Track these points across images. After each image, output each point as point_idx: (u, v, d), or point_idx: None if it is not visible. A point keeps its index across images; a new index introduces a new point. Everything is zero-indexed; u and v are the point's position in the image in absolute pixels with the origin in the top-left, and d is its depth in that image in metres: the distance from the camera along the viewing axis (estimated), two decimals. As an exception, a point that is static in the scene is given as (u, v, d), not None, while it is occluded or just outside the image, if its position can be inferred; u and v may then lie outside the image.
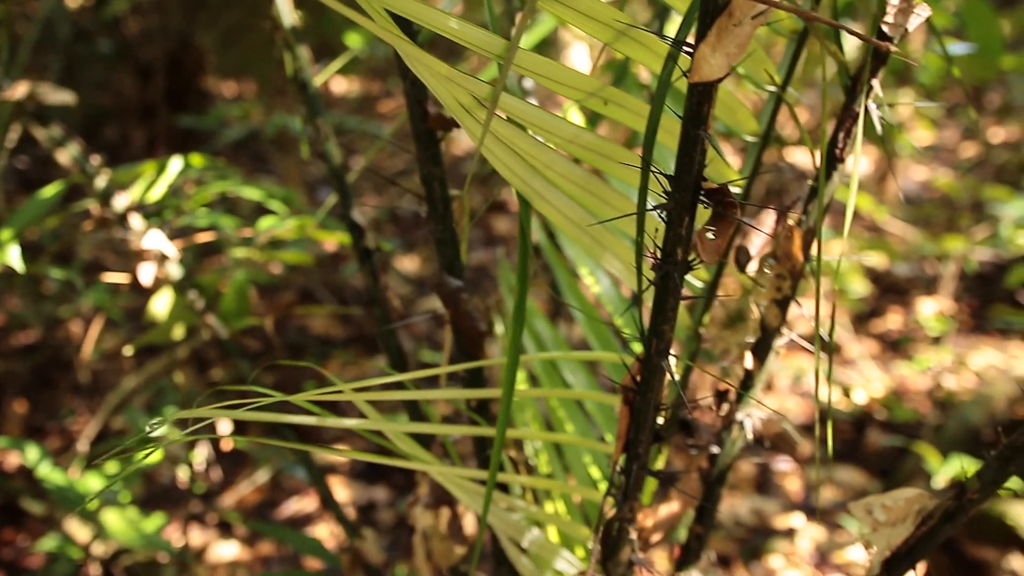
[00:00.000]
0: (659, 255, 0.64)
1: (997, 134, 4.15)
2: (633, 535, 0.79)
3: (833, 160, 0.80)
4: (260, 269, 1.88)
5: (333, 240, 1.38)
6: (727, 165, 0.87)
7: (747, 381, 0.89)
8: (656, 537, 0.90)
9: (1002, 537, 1.99)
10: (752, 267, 0.82)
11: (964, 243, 2.71)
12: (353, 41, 2.71)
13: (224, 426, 2.04)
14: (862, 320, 2.96)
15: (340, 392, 0.77)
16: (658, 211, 0.63)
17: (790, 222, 0.81)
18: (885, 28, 0.73)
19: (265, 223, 1.39)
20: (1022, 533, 1.96)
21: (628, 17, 0.67)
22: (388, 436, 0.85)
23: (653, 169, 0.62)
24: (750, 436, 0.91)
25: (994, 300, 2.84)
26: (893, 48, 0.61)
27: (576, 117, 1.22)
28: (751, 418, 0.91)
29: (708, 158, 0.60)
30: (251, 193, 1.47)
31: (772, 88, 0.85)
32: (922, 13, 0.72)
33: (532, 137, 0.70)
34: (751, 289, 0.85)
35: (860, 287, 2.69)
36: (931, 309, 2.82)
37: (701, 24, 0.55)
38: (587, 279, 1.07)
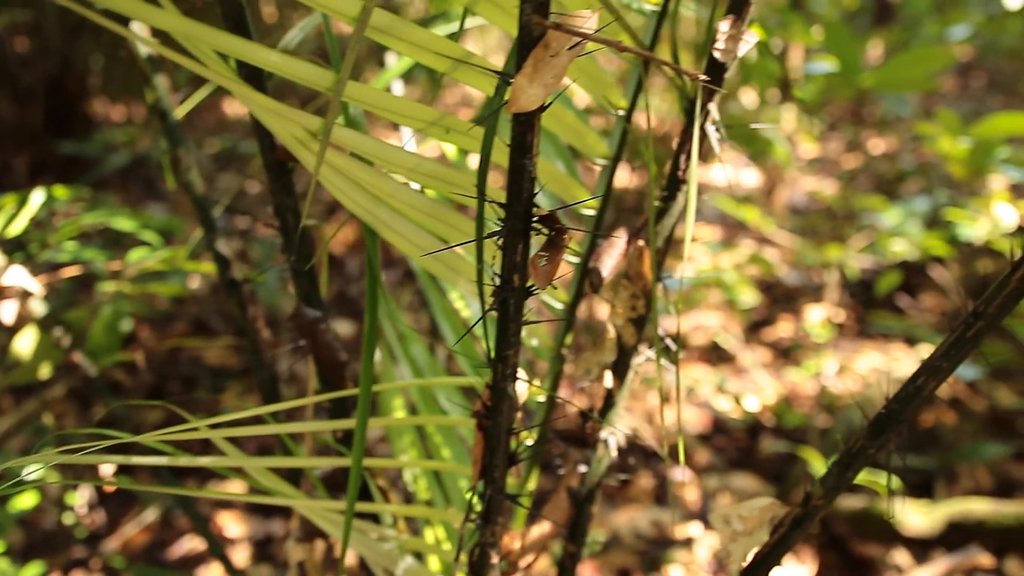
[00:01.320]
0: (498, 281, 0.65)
1: (878, 145, 4.34)
2: (495, 559, 0.79)
3: (677, 182, 0.82)
4: (143, 301, 1.82)
5: (207, 270, 1.35)
6: (581, 187, 0.89)
7: (609, 400, 0.90)
8: (527, 560, 0.91)
9: (886, 534, 2.07)
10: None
11: (845, 252, 2.82)
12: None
13: (107, 467, 1.96)
14: (756, 329, 3.05)
15: (195, 430, 0.75)
16: (495, 238, 0.64)
17: (640, 242, 0.83)
18: (717, 55, 0.75)
19: (134, 255, 1.35)
20: (903, 530, 2.04)
21: (462, 49, 0.68)
22: (249, 472, 0.84)
23: (488, 198, 0.63)
24: (614, 453, 0.92)
25: (875, 305, 2.96)
26: (701, 79, 0.63)
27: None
28: (615, 436, 0.92)
29: (564, 182, 0.61)
30: (123, 224, 1.43)
31: (620, 112, 0.87)
32: (750, 40, 0.75)
33: (372, 167, 0.70)
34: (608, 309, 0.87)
35: (749, 298, 2.77)
36: (818, 316, 2.92)
37: (519, 56, 0.56)
38: (457, 303, 1.07)
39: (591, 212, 0.89)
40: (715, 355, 2.85)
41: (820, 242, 3.17)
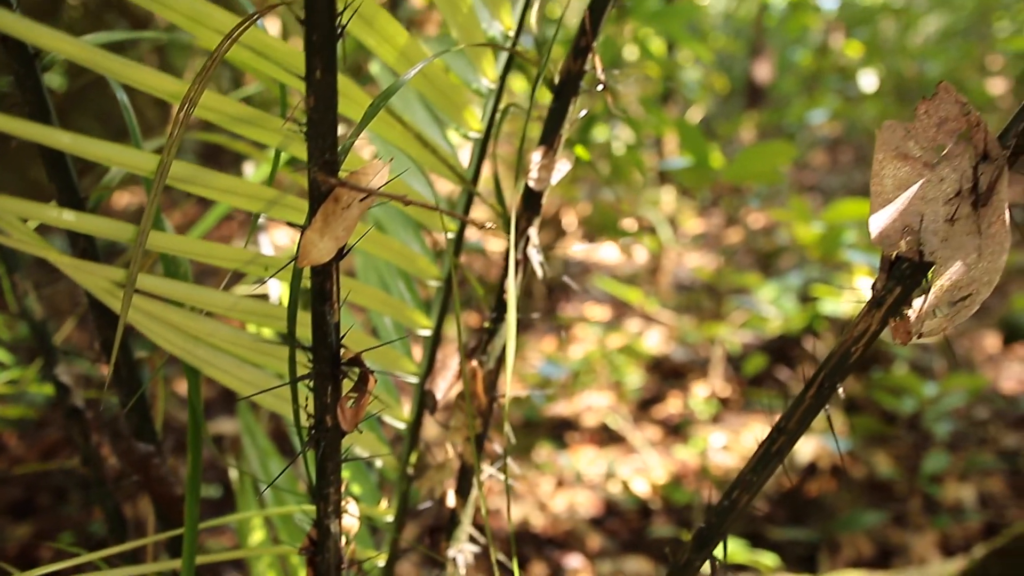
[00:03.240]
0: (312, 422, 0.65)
1: (757, 220, 4.53)
2: None
3: (503, 305, 0.84)
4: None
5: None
6: (417, 308, 0.90)
7: (454, 518, 0.90)
8: None
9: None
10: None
11: (726, 328, 2.91)
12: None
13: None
14: (646, 406, 3.10)
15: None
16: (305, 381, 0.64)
17: (474, 363, 0.84)
18: (531, 184, 0.78)
19: (-20, 378, 1.30)
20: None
21: (273, 192, 0.69)
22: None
23: (298, 344, 0.64)
24: (463, 572, 0.92)
25: (757, 379, 3.05)
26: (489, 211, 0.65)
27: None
28: (463, 554, 0.92)
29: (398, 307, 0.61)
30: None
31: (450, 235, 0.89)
32: (563, 169, 0.79)
33: (186, 309, 0.70)
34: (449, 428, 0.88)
35: (636, 378, 2.82)
36: (703, 392, 2.99)
37: (310, 210, 0.58)
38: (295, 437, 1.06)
39: (426, 332, 0.90)
40: (606, 436, 2.87)
41: (703, 319, 3.27)
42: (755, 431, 2.82)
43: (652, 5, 2.82)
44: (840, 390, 0.67)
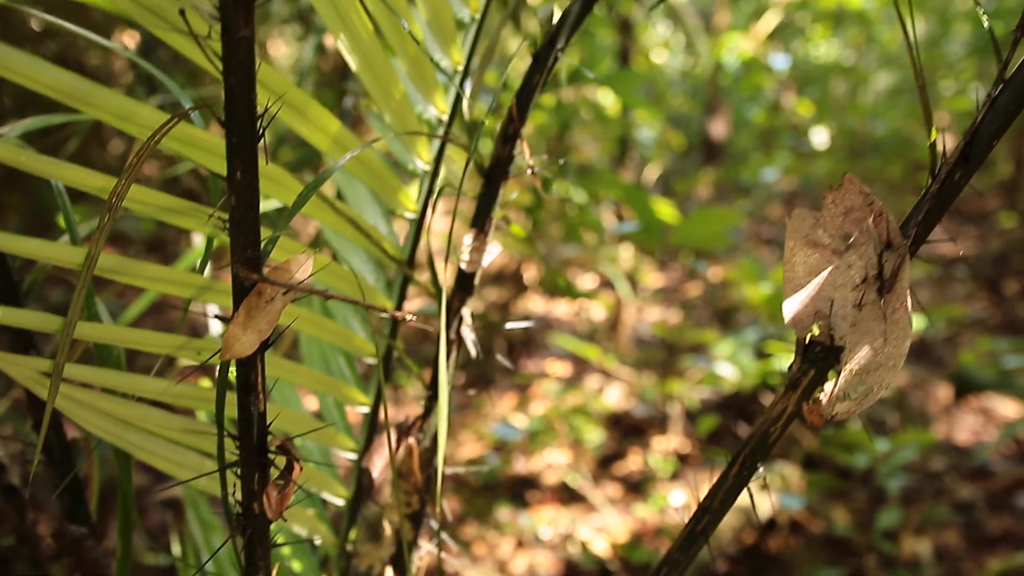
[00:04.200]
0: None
1: (717, 274, 4.59)
2: None
3: (437, 384, 0.85)
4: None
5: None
6: (356, 386, 0.91)
7: (393, 595, 0.90)
8: None
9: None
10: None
11: (684, 384, 2.93)
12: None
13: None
14: (607, 463, 3.10)
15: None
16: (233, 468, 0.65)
17: (410, 440, 0.85)
18: (463, 266, 0.80)
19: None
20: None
21: (203, 279, 0.70)
22: None
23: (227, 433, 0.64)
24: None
25: (716, 434, 3.07)
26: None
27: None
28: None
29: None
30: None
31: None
32: (494, 251, 0.81)
33: (116, 396, 0.70)
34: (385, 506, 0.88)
35: (596, 435, 2.83)
36: (662, 448, 3.00)
37: (234, 304, 0.59)
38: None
39: (366, 410, 0.91)
40: (566, 494, 2.87)
41: (662, 374, 3.29)
42: (714, 487, 2.83)
43: (605, 69, 2.89)
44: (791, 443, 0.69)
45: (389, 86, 0.79)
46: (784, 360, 2.53)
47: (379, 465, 0.84)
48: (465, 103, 0.83)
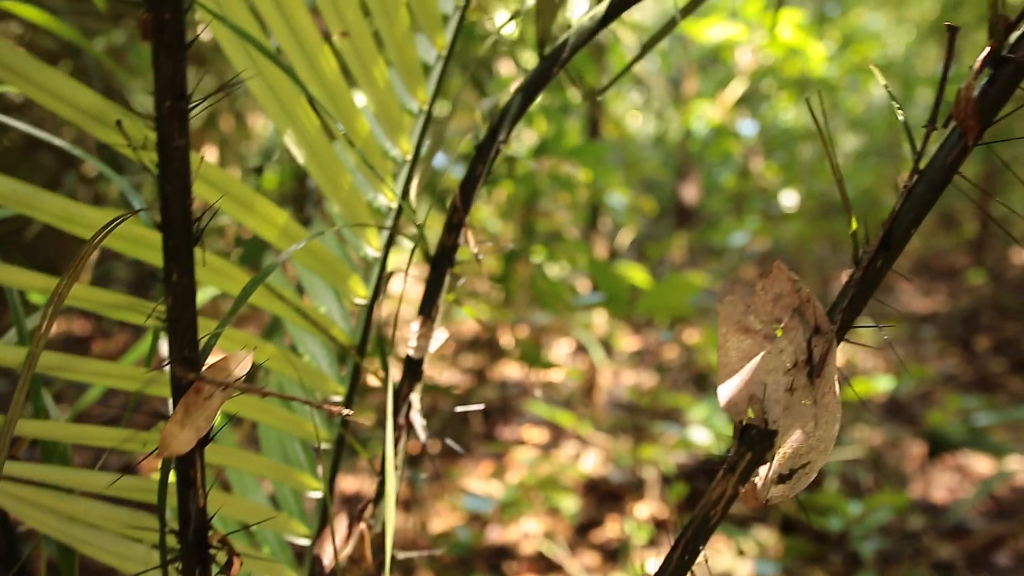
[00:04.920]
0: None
1: (692, 335, 4.61)
2: None
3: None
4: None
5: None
6: (307, 475, 0.91)
7: None
8: None
9: None
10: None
11: (660, 449, 2.93)
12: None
13: None
14: (584, 531, 3.07)
15: None
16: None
17: (361, 526, 0.85)
18: (410, 353, 0.81)
19: None
20: None
21: (139, 372, 0.71)
22: None
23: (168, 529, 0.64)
24: None
25: (692, 499, 3.06)
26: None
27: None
28: None
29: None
30: None
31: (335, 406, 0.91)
32: (441, 337, 0.82)
33: (59, 492, 0.70)
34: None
35: (572, 502, 2.81)
36: (640, 515, 2.98)
37: (172, 402, 0.59)
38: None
39: (318, 495, 0.91)
40: (544, 564, 2.83)
41: (637, 439, 3.29)
42: (692, 554, 2.80)
43: (572, 141, 2.94)
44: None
45: (336, 178, 0.81)
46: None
47: (330, 552, 0.84)
48: (413, 191, 0.85)
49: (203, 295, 1.01)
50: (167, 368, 0.67)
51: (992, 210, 6.48)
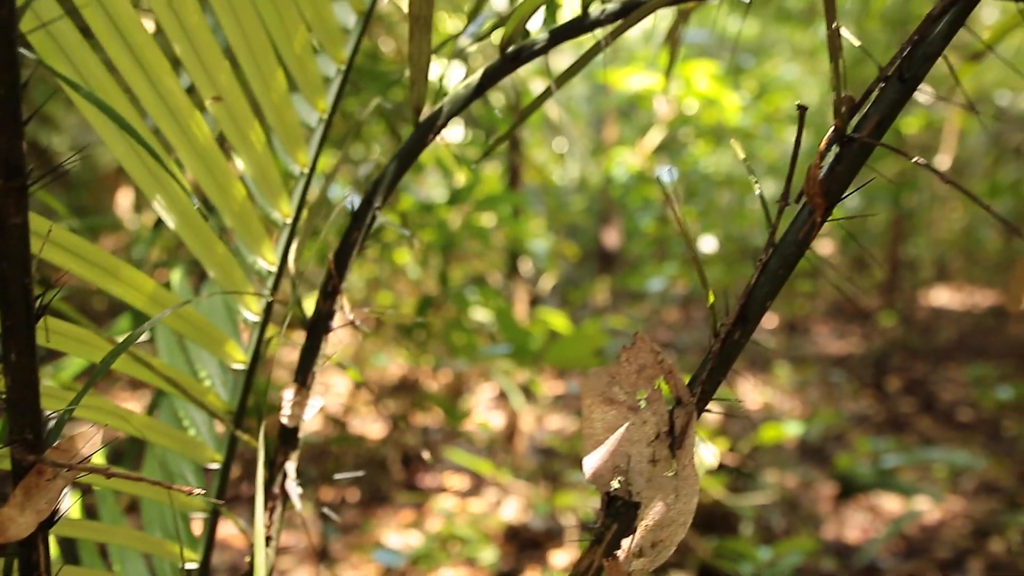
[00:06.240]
0: None
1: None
2: None
3: (268, 539, 0.83)
4: None
5: None
6: (189, 548, 0.88)
7: None
8: None
9: None
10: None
11: (578, 495, 2.93)
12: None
13: None
14: (504, 581, 3.04)
15: None
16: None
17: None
18: (284, 420, 0.80)
19: None
20: None
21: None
22: None
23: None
24: None
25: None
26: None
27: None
28: None
29: None
30: None
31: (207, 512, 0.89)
32: (316, 404, 0.81)
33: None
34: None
35: (491, 552, 2.78)
36: (559, 563, 2.96)
37: (12, 485, 0.57)
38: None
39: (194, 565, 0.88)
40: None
41: (557, 486, 3.28)
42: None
43: (492, 187, 2.96)
44: None
45: (210, 243, 0.80)
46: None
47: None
48: (291, 257, 0.84)
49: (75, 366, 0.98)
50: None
51: (901, 254, 6.72)
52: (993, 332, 6.40)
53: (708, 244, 4.67)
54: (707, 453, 2.52)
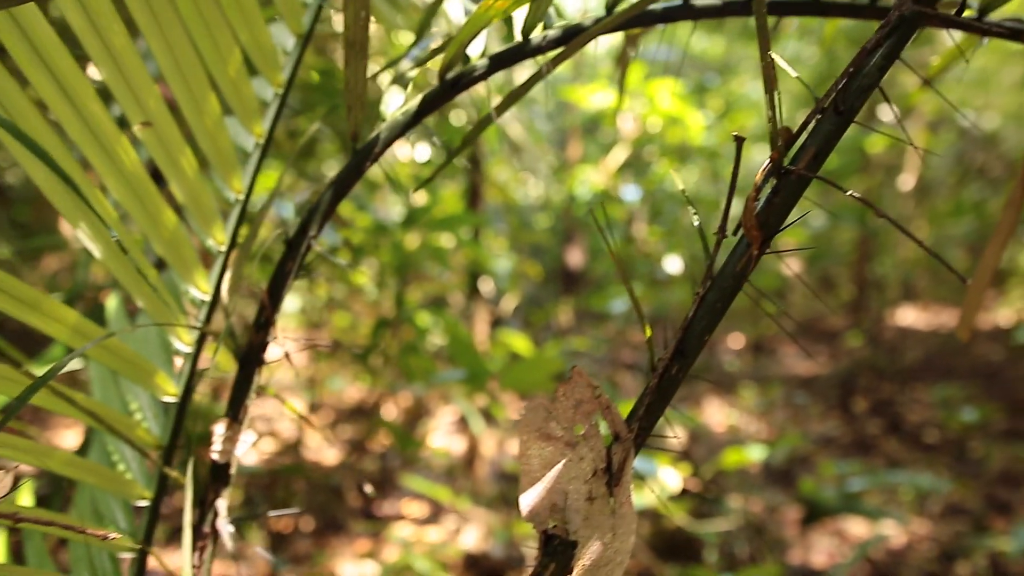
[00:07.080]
0: None
1: (580, 401, 4.61)
2: None
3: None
4: None
5: None
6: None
7: None
8: None
9: None
10: None
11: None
12: None
13: None
14: (465, 610, 2.99)
15: None
16: None
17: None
18: (215, 456, 0.77)
19: None
20: None
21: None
22: None
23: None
24: None
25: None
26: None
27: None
28: None
29: None
30: None
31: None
32: (248, 440, 0.78)
33: None
34: None
35: (448, 580, 2.74)
36: (521, 589, 2.92)
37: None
38: None
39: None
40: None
41: (516, 512, 3.25)
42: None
43: (452, 207, 2.95)
44: None
45: (139, 273, 0.77)
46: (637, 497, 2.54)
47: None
48: (224, 288, 0.82)
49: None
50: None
51: (867, 273, 6.79)
52: (959, 352, 6.46)
53: (673, 265, 4.69)
54: (670, 478, 2.50)
